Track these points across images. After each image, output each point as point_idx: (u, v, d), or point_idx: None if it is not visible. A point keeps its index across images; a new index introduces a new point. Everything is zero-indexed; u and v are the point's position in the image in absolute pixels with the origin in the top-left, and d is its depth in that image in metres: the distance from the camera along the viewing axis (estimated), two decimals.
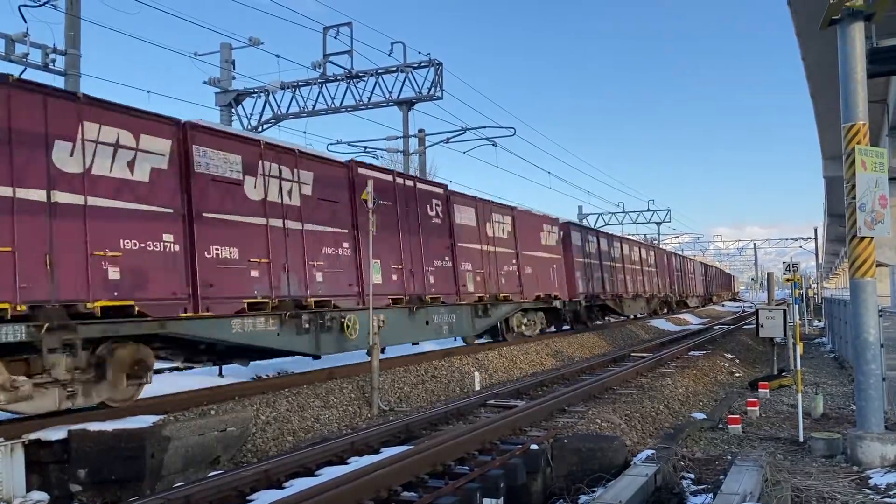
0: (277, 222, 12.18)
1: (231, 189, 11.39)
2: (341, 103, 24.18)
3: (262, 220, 11.88)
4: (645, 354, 20.29)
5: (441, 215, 17.53)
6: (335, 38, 23.16)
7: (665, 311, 43.43)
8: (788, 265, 27.76)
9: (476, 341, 20.00)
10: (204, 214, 10.83)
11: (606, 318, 31.89)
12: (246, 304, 11.32)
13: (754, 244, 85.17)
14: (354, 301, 13.81)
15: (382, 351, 13.75)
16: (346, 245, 13.82)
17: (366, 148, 27.57)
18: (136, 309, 9.64)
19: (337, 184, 13.96)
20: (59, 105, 9.09)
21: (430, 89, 23.59)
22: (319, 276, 13.01)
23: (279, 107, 24.81)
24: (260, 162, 12.02)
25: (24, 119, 8.63)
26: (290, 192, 12.63)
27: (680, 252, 59.49)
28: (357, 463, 7.68)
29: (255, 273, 11.57)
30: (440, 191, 18.00)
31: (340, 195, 13.96)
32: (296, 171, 12.83)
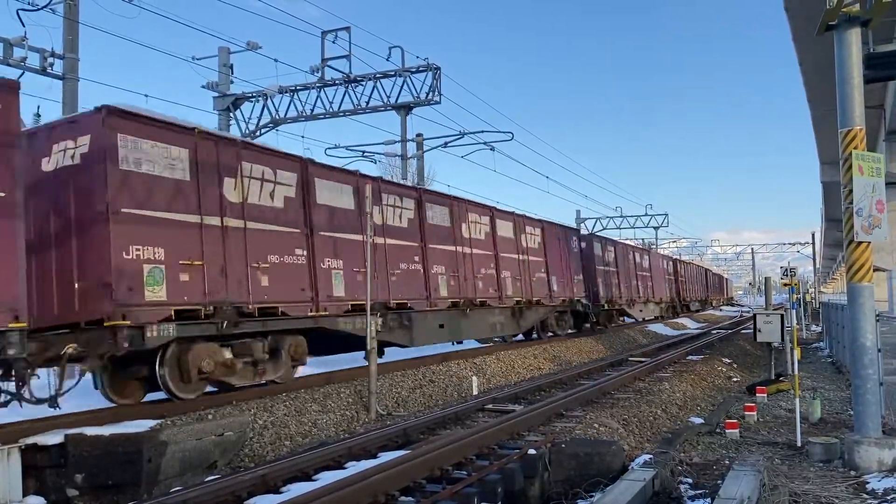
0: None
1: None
2: (339, 107, 24.17)
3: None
4: (643, 359, 20.31)
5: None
6: (333, 42, 23.19)
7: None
8: (786, 270, 27.81)
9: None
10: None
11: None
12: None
13: (752, 249, 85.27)
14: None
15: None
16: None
17: (364, 152, 27.56)
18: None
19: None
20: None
21: (428, 94, 23.61)
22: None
23: (277, 111, 24.81)
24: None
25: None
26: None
27: (677, 256, 59.83)
28: (355, 467, 7.67)
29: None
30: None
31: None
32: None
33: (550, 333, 24.18)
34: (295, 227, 12.50)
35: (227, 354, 10.99)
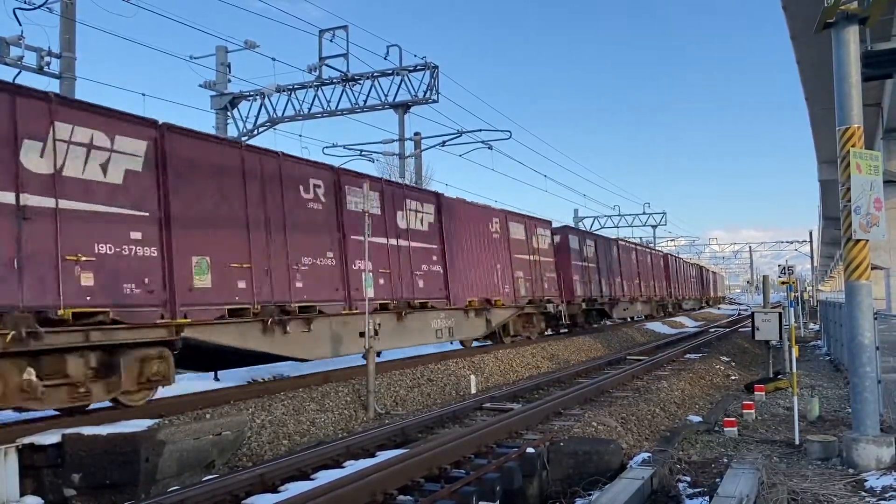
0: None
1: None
2: (337, 106, 24.15)
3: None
4: (641, 357, 20.31)
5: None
6: (331, 41, 23.17)
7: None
8: (784, 268, 27.85)
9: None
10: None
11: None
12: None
13: (750, 247, 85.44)
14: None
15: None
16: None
17: (361, 151, 27.56)
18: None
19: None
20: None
21: (425, 92, 23.59)
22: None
23: (275, 110, 24.79)
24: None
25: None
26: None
27: (676, 255, 58.92)
28: (353, 466, 7.67)
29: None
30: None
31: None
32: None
33: (517, 337, 21.84)
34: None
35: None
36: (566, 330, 26.47)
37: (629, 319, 35.61)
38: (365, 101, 23.99)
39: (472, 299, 18.46)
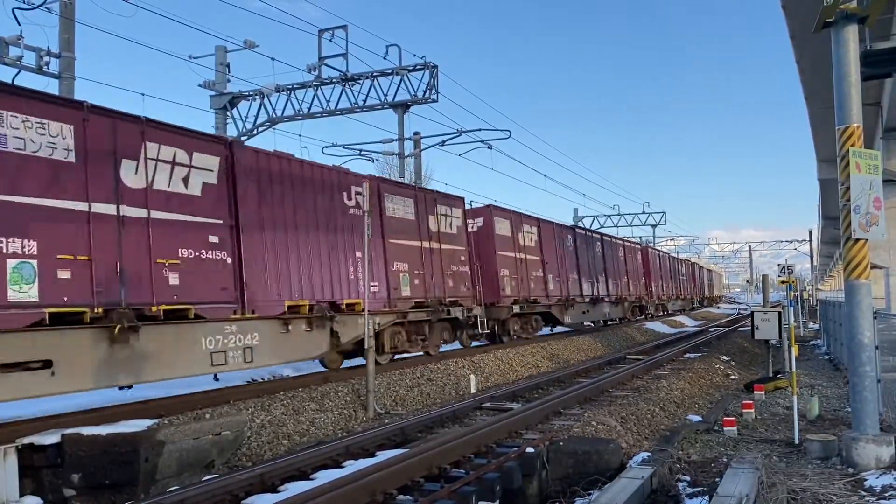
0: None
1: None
2: (336, 106, 24.14)
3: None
4: (640, 357, 20.31)
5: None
6: (330, 40, 23.15)
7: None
8: (783, 267, 27.88)
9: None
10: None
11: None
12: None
13: (749, 247, 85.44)
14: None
15: None
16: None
17: (361, 151, 27.55)
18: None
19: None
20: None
21: (425, 92, 23.58)
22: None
23: (274, 110, 24.78)
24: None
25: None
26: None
27: (657, 248, 51.73)
28: (352, 466, 7.67)
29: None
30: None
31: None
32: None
33: (401, 355, 16.40)
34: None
35: None
36: (486, 342, 20.79)
37: (594, 324, 30.18)
38: (364, 101, 23.99)
39: (299, 303, 12.73)
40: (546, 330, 25.90)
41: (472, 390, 15.14)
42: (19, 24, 15.48)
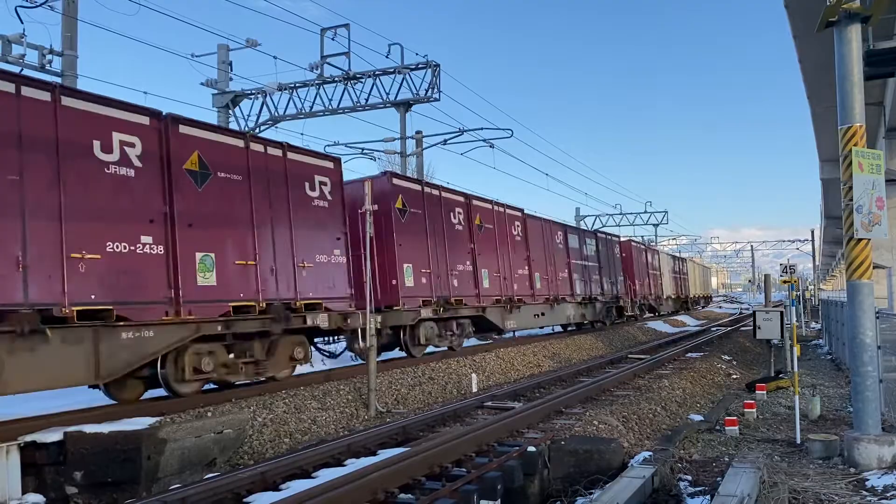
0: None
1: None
2: (339, 105, 24.16)
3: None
4: (642, 356, 20.30)
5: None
6: (333, 39, 23.17)
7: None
8: (785, 267, 27.79)
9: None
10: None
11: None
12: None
13: (751, 246, 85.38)
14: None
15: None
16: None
17: (363, 149, 27.58)
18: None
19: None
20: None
21: (427, 91, 23.59)
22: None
23: (276, 108, 24.80)
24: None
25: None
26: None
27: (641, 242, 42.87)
28: (354, 465, 7.67)
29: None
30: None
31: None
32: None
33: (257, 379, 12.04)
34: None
35: None
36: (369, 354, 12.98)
37: (555, 329, 26.76)
38: (366, 100, 24.01)
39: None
40: (473, 339, 20.22)
41: (474, 389, 15.14)
42: (22, 22, 15.49)
